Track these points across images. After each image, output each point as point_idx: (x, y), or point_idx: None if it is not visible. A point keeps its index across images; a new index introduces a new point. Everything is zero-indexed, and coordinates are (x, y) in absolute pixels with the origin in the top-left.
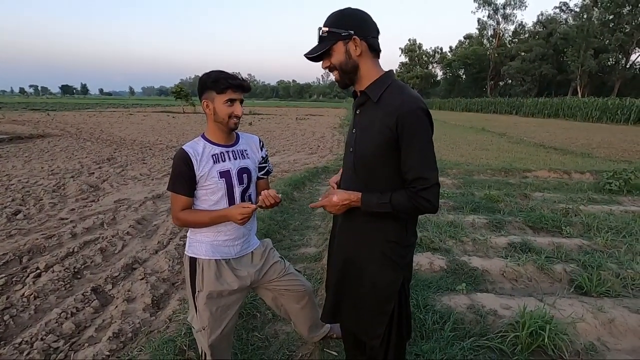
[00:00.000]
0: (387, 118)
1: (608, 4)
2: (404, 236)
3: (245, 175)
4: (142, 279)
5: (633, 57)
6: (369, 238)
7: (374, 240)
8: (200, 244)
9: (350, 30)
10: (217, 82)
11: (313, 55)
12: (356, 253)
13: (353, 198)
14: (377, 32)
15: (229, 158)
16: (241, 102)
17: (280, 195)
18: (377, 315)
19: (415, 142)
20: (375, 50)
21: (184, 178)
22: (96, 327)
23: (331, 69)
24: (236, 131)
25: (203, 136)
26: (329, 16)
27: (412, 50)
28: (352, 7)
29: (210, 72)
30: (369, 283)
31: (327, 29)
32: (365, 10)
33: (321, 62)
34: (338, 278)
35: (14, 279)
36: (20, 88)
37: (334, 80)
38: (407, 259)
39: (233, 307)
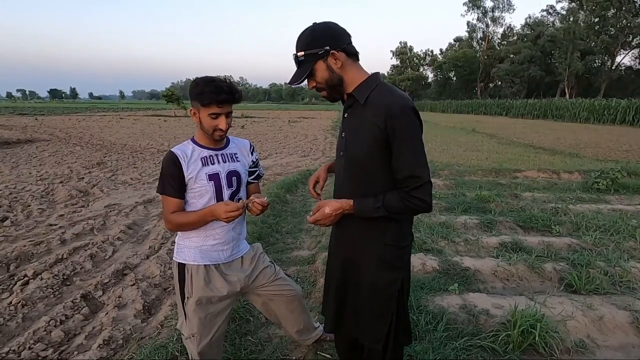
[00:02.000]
0: (376, 118)
1: (593, 7)
2: (401, 238)
3: (234, 179)
4: (133, 284)
5: (618, 58)
6: (366, 242)
7: (371, 244)
8: (189, 249)
9: (325, 47)
10: (201, 94)
11: (297, 83)
12: (354, 257)
13: (345, 206)
14: (349, 36)
15: (218, 161)
16: (228, 114)
17: (266, 198)
18: (378, 317)
19: (405, 141)
20: (354, 55)
21: (173, 179)
22: (86, 334)
23: (318, 88)
24: (227, 135)
25: (192, 139)
26: (299, 40)
27: (403, 52)
28: (317, 22)
29: (198, 80)
30: (369, 286)
31: (302, 52)
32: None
33: (307, 83)
34: (337, 284)
35: (1, 287)
36: (7, 92)
37: (324, 97)
38: (404, 259)
39: (222, 314)
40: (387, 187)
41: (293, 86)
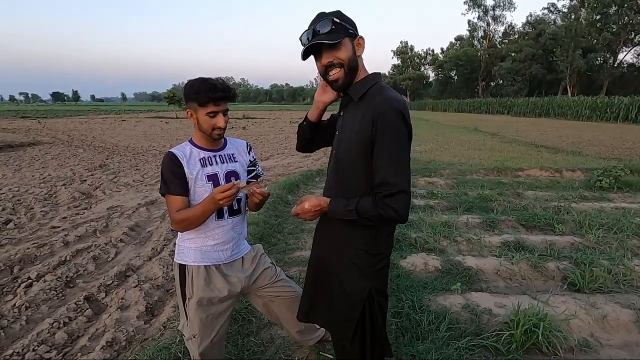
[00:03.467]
0: (366, 118)
1: (595, 4)
2: (374, 244)
3: (233, 179)
4: (135, 286)
5: (620, 56)
6: (338, 243)
7: (342, 246)
8: (189, 250)
9: (354, 29)
10: (198, 94)
11: (332, 42)
12: (327, 257)
13: (323, 204)
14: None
15: (217, 162)
16: (225, 111)
17: (267, 189)
18: (344, 320)
19: (385, 144)
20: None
21: (176, 177)
22: (89, 336)
23: (336, 64)
24: (224, 136)
25: (190, 141)
26: (327, 14)
27: (404, 52)
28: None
29: (192, 81)
30: (339, 287)
31: (338, 20)
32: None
33: (323, 56)
34: (312, 279)
35: (4, 290)
36: (10, 96)
37: (334, 80)
38: (376, 267)
39: (224, 315)
40: (369, 191)
41: (316, 47)
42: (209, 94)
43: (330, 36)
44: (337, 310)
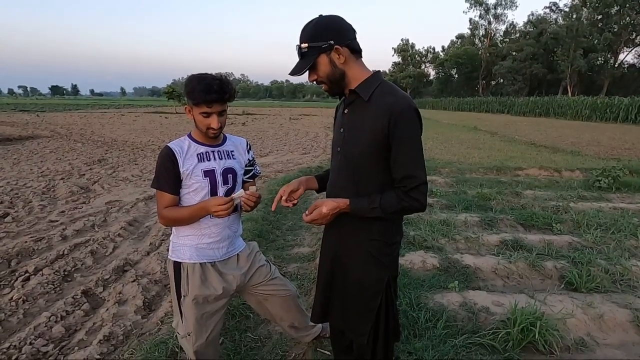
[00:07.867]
0: (379, 116)
1: (596, 4)
2: (389, 234)
3: (230, 176)
4: (133, 281)
5: (621, 56)
6: (354, 237)
7: (359, 239)
8: (185, 247)
9: (329, 41)
10: (192, 93)
11: (299, 74)
12: (342, 252)
13: (342, 206)
14: (355, 32)
15: (214, 158)
16: (221, 112)
17: (256, 188)
18: (363, 313)
19: (406, 141)
20: (357, 52)
21: (168, 175)
22: (87, 330)
23: (319, 81)
24: (224, 132)
25: (189, 135)
26: (304, 31)
27: (405, 50)
28: (324, 14)
29: (191, 77)
30: (355, 281)
31: (306, 44)
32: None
33: (307, 75)
34: (326, 277)
35: (2, 283)
36: (9, 89)
37: (325, 90)
38: (392, 256)
39: (218, 313)
40: (381, 187)
41: (294, 77)
42: (202, 94)
43: (303, 62)
44: (354, 304)
